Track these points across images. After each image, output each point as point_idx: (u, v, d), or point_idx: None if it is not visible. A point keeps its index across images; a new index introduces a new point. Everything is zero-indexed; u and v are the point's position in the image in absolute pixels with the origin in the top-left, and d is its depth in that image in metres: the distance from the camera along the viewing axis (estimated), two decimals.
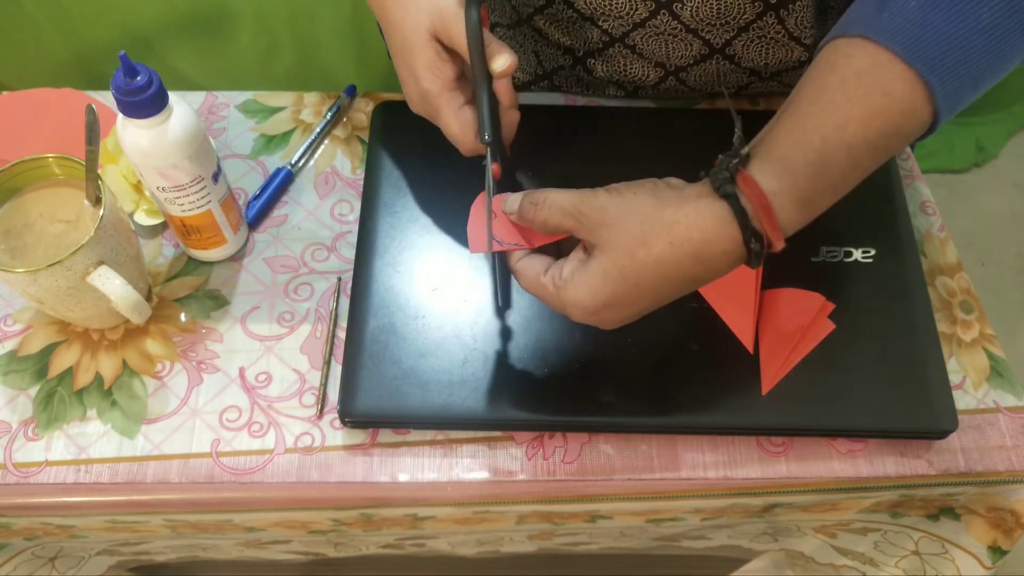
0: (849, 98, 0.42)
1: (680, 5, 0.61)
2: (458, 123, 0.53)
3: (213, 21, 1.34)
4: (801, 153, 0.42)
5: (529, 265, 0.49)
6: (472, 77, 0.53)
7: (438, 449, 0.56)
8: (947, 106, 0.42)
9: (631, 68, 0.69)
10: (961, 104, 0.43)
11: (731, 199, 0.42)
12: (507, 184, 0.55)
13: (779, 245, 0.43)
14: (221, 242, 0.61)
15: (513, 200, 0.49)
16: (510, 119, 0.55)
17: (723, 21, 0.62)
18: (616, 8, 0.63)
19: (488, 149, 0.52)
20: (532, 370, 0.55)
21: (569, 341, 0.56)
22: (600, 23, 0.65)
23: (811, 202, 0.43)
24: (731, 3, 0.61)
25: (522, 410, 0.54)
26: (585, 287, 0.45)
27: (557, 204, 0.46)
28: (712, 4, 0.61)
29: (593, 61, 0.70)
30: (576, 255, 0.47)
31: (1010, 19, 0.41)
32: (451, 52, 0.53)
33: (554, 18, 0.67)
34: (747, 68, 0.68)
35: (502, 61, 0.52)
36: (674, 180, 0.46)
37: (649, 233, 0.43)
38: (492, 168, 0.52)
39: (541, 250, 0.50)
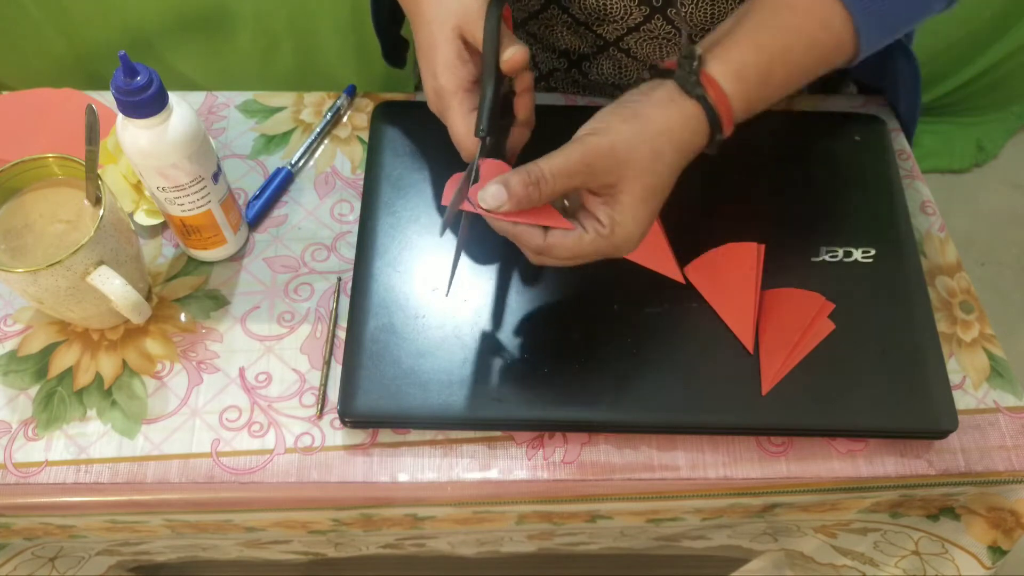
0: (797, 24, 0.49)
1: (674, 10, 0.61)
2: (464, 125, 0.52)
3: (213, 21, 1.34)
4: (753, 63, 0.48)
5: (564, 236, 0.48)
6: (483, 73, 0.52)
7: (438, 449, 0.56)
8: (867, 47, 0.50)
9: (625, 71, 0.70)
10: (877, 47, 0.52)
11: (701, 99, 0.48)
12: None
13: (729, 134, 0.49)
14: (221, 242, 0.61)
15: (495, 192, 0.46)
16: (519, 135, 0.55)
17: (715, 25, 0.63)
18: (611, 13, 0.63)
19: (480, 144, 0.52)
20: (532, 370, 0.55)
21: (569, 341, 0.56)
22: (595, 28, 0.65)
23: (751, 106, 0.50)
24: (724, 8, 0.61)
25: (522, 410, 0.54)
26: (632, 219, 0.47)
27: (562, 171, 0.46)
28: (705, 9, 0.61)
29: (588, 64, 0.70)
30: (596, 201, 0.48)
31: None
32: (473, 52, 0.53)
33: (549, 23, 0.67)
34: None
35: (509, 52, 0.52)
36: (632, 93, 0.50)
37: (657, 147, 0.47)
38: (478, 163, 0.51)
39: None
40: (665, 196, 0.49)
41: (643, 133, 0.47)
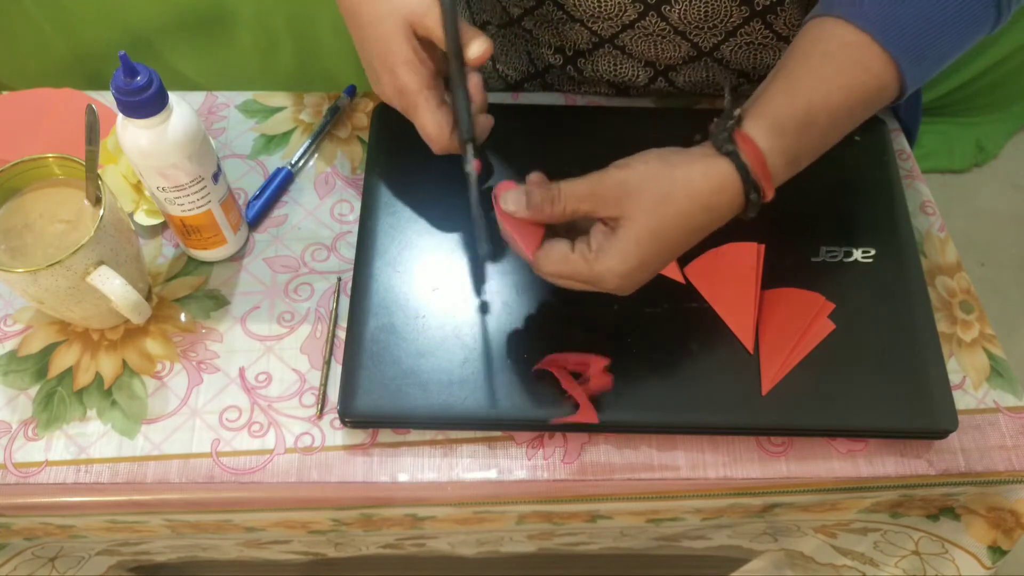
0: (834, 69, 0.48)
1: (668, 7, 0.61)
2: (434, 122, 0.53)
3: (213, 21, 1.34)
4: (790, 115, 0.47)
5: (551, 248, 0.49)
6: (450, 71, 0.52)
7: (438, 449, 0.56)
8: (913, 83, 0.49)
9: (621, 68, 0.70)
10: (926, 79, 0.51)
11: (732, 156, 0.47)
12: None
13: (771, 195, 0.48)
14: (221, 242, 0.61)
15: (516, 197, 0.49)
16: (482, 124, 0.55)
17: (710, 24, 0.63)
18: (605, 10, 0.63)
19: (469, 146, 0.52)
20: (532, 370, 0.55)
21: (569, 341, 0.56)
22: (589, 24, 0.65)
23: (797, 159, 0.48)
24: (718, 7, 0.61)
25: (522, 410, 0.54)
26: (618, 253, 0.47)
27: (573, 194, 0.48)
28: (700, 8, 0.61)
29: (583, 61, 0.70)
30: (599, 229, 0.48)
31: (978, 1, 0.47)
32: (428, 47, 0.53)
33: (544, 19, 0.67)
34: (736, 70, 0.68)
35: (476, 47, 0.51)
36: (674, 147, 0.49)
37: (669, 191, 0.47)
38: (474, 164, 0.52)
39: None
40: (670, 247, 0.48)
41: (659, 176, 0.47)
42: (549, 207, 0.49)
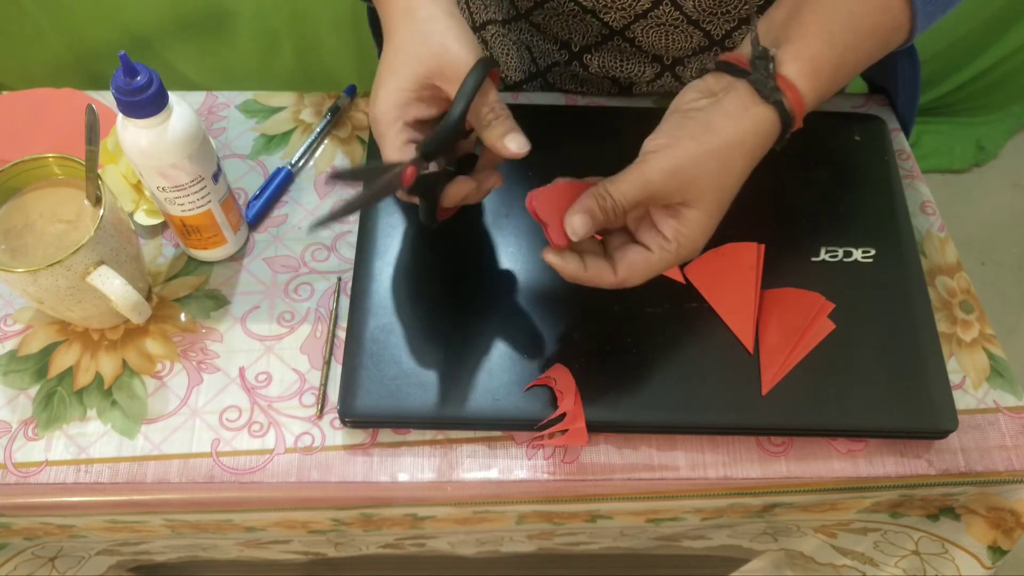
0: (862, 11, 0.48)
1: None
2: (397, 157, 0.50)
3: (213, 21, 1.34)
4: (827, 57, 0.47)
5: (633, 262, 0.49)
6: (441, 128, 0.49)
7: (438, 449, 0.56)
8: (921, 27, 0.49)
9: (627, 63, 0.69)
10: (929, 26, 0.51)
11: (778, 105, 0.46)
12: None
13: (797, 128, 0.48)
14: (221, 242, 0.61)
15: (583, 221, 0.47)
16: (452, 192, 0.52)
17: (724, 10, 0.62)
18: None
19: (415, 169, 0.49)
20: (532, 370, 0.55)
21: (569, 341, 0.56)
22: (601, 15, 0.65)
23: (822, 98, 0.48)
24: None
25: (522, 410, 0.54)
26: (699, 232, 0.48)
27: (628, 199, 0.47)
28: None
29: (589, 56, 0.70)
30: (663, 214, 0.48)
31: None
32: (436, 93, 0.50)
33: (555, 12, 0.67)
34: None
35: (516, 146, 0.49)
36: (698, 98, 0.49)
37: (727, 161, 0.47)
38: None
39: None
40: (732, 199, 0.49)
41: (712, 150, 0.46)
42: (605, 219, 0.48)
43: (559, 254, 0.49)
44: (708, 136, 0.46)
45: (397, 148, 0.50)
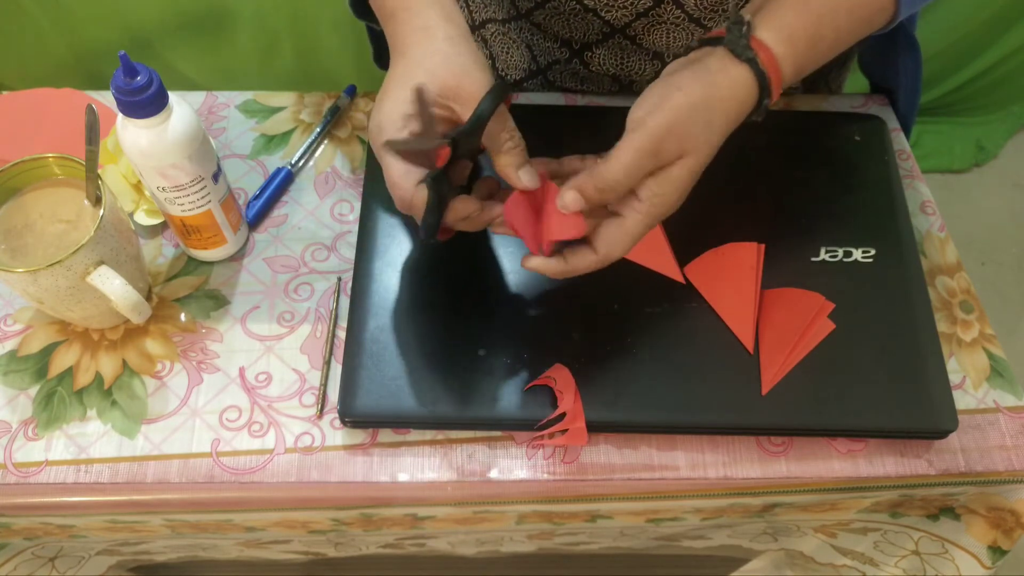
0: None
1: None
2: (400, 171, 0.49)
3: (213, 21, 1.34)
4: (802, 26, 0.48)
5: (604, 228, 0.49)
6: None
7: (438, 449, 0.56)
8: (907, 7, 0.50)
9: (628, 61, 0.69)
10: (915, 8, 0.52)
11: (752, 63, 0.47)
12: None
13: (776, 98, 0.49)
14: (221, 242, 0.61)
15: (574, 198, 0.48)
16: (457, 209, 0.51)
17: (725, 8, 0.62)
18: None
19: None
20: (532, 370, 0.55)
21: (569, 341, 0.56)
22: (602, 13, 0.65)
23: (801, 70, 0.49)
24: None
25: (522, 410, 0.54)
26: (675, 191, 0.48)
27: (626, 169, 0.47)
28: None
29: (590, 54, 0.70)
30: (646, 178, 0.48)
31: None
32: (441, 110, 0.49)
33: (556, 11, 0.67)
34: None
35: (528, 179, 0.49)
36: (678, 63, 0.50)
37: (710, 119, 0.47)
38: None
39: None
40: (711, 159, 0.49)
41: (700, 100, 0.47)
42: (601, 197, 0.48)
43: (538, 258, 0.50)
44: (693, 87, 0.47)
45: (399, 162, 0.49)
